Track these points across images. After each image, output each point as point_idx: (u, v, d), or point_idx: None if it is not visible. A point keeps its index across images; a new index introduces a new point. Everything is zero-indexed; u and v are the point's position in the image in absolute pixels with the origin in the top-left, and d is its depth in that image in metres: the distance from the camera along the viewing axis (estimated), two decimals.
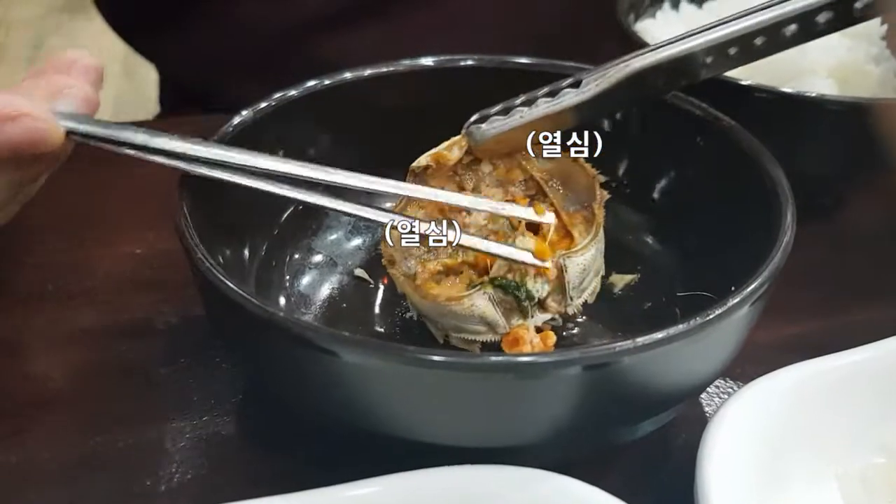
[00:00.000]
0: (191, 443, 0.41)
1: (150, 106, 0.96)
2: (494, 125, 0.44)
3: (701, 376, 0.37)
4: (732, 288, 0.35)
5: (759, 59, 0.42)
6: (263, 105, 0.44)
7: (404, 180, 0.44)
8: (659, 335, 0.33)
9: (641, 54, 0.41)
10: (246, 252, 0.43)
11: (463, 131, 0.44)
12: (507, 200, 0.44)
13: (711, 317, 0.33)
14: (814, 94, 0.50)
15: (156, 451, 0.41)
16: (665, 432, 0.40)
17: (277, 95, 0.45)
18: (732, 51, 0.41)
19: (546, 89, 0.43)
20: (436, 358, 0.32)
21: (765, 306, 0.37)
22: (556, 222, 0.44)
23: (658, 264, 0.47)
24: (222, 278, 0.34)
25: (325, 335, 0.32)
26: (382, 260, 0.44)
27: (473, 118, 0.44)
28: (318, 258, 0.47)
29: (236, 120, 0.43)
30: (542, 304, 0.43)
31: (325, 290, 0.46)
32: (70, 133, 0.38)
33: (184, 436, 0.41)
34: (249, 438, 0.42)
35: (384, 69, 0.47)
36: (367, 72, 0.46)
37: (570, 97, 0.42)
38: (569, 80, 0.43)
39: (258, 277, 0.43)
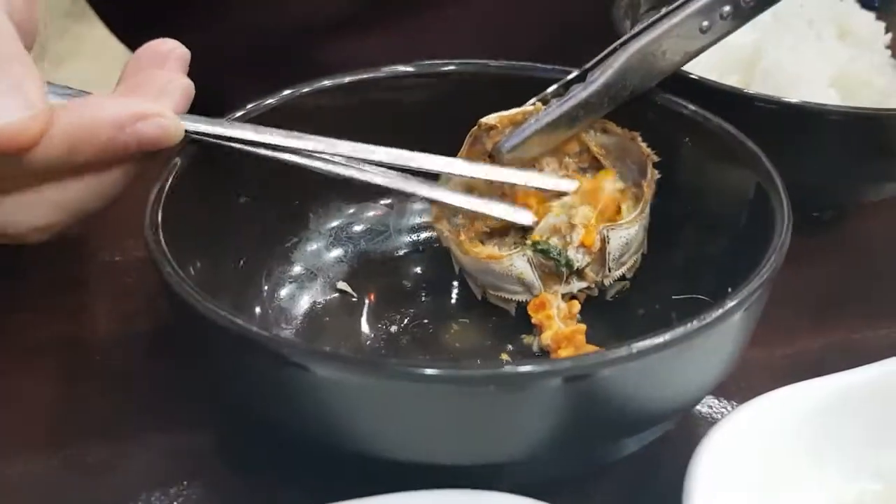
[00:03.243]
0: (164, 456, 0.40)
1: None
2: (510, 136, 0.44)
3: (692, 389, 0.36)
4: (729, 290, 0.34)
5: (751, 18, 0.43)
6: (243, 113, 0.44)
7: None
8: (649, 342, 0.31)
9: (638, 34, 0.42)
10: (221, 264, 0.42)
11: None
12: (560, 169, 0.46)
13: (705, 322, 0.32)
14: (815, 104, 0.49)
15: (128, 464, 0.40)
16: (655, 453, 0.38)
17: (253, 105, 0.44)
18: (727, 9, 0.42)
19: (554, 87, 0.44)
20: (410, 370, 0.31)
21: (760, 314, 0.36)
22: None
23: (651, 270, 0.46)
24: (187, 288, 0.33)
25: (292, 348, 0.32)
26: (431, 217, 0.46)
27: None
28: (297, 270, 0.46)
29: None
30: (580, 273, 0.45)
31: (305, 304, 0.45)
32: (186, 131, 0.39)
33: (158, 448, 0.40)
34: (225, 452, 0.41)
35: (365, 75, 0.46)
36: (347, 79, 0.45)
37: (578, 92, 0.43)
38: (574, 74, 0.44)
39: (235, 290, 0.42)
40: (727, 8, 0.42)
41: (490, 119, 0.44)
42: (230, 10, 0.72)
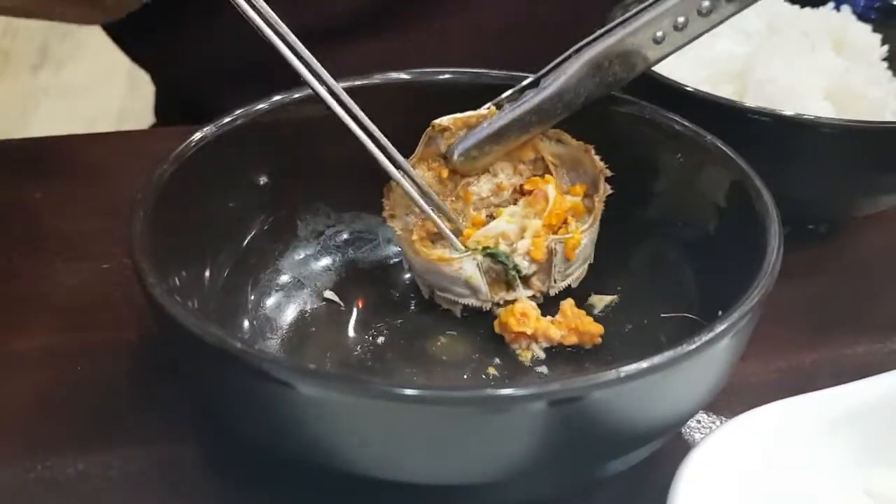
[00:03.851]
0: (146, 469, 0.39)
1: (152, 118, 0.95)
2: (463, 140, 0.44)
3: (680, 411, 0.35)
4: (719, 312, 0.33)
5: (710, 29, 0.42)
6: (231, 118, 0.43)
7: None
8: (636, 366, 0.30)
9: (592, 41, 0.42)
10: (207, 273, 0.41)
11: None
12: (514, 175, 0.46)
13: (695, 346, 0.31)
14: (809, 117, 0.48)
15: (108, 477, 0.39)
16: (641, 469, 0.38)
17: (242, 110, 0.43)
18: (681, 20, 0.42)
19: (508, 93, 0.45)
20: (396, 390, 0.30)
21: (751, 335, 0.35)
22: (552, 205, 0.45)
23: (639, 286, 0.45)
24: (170, 300, 0.32)
25: (274, 364, 0.31)
26: (383, 213, 0.45)
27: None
28: (284, 279, 0.46)
29: (198, 135, 0.41)
30: (526, 281, 0.45)
31: (291, 314, 0.45)
32: None
33: (138, 462, 0.40)
34: (208, 467, 0.40)
35: (357, 82, 0.45)
36: (341, 84, 0.45)
37: (531, 97, 0.43)
38: (528, 80, 0.44)
39: (221, 300, 0.42)
40: (681, 19, 0.42)
41: (443, 121, 0.44)
42: (228, 19, 0.72)
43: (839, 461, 0.37)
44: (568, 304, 0.44)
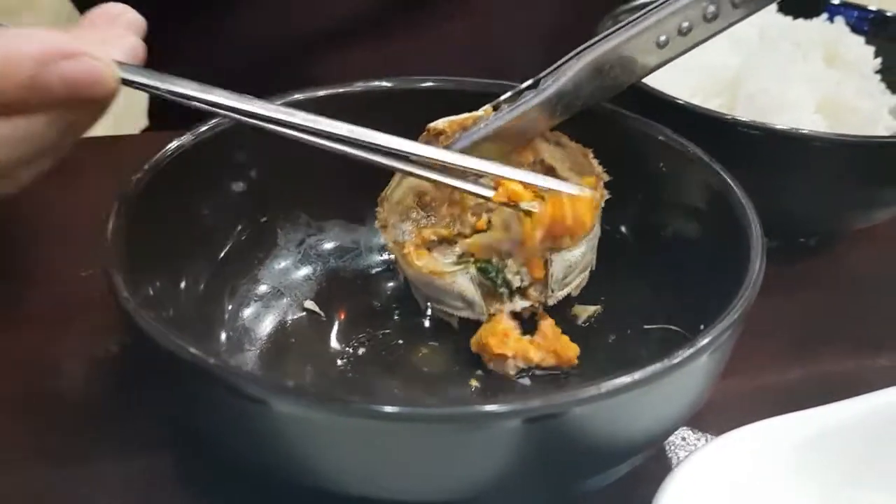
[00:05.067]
0: (121, 482, 0.39)
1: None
2: (459, 140, 0.44)
3: (661, 425, 0.35)
4: (701, 326, 0.33)
5: (713, 35, 0.42)
6: (210, 126, 0.42)
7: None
8: (611, 384, 0.30)
9: (593, 44, 0.42)
10: (183, 283, 0.41)
11: None
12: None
13: (676, 361, 0.31)
14: (800, 131, 0.48)
15: (87, 487, 0.38)
16: (625, 487, 0.37)
17: (219, 118, 0.42)
18: (685, 25, 0.41)
19: (508, 94, 0.44)
20: (373, 408, 0.29)
21: (733, 349, 0.35)
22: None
23: (623, 296, 0.45)
24: (140, 313, 0.31)
25: (246, 380, 0.30)
26: (376, 223, 0.45)
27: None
28: (263, 289, 0.45)
29: (174, 144, 0.41)
30: (523, 292, 0.44)
31: (270, 324, 0.44)
32: (123, 80, 0.36)
33: (113, 475, 0.39)
34: (184, 481, 0.39)
35: (340, 90, 0.45)
36: (320, 92, 0.44)
37: (530, 99, 0.42)
38: (528, 83, 0.44)
39: (198, 310, 0.41)
40: (685, 24, 0.41)
41: (439, 124, 0.44)
42: (227, 26, 0.71)
43: (825, 481, 0.36)
44: (548, 325, 0.43)
